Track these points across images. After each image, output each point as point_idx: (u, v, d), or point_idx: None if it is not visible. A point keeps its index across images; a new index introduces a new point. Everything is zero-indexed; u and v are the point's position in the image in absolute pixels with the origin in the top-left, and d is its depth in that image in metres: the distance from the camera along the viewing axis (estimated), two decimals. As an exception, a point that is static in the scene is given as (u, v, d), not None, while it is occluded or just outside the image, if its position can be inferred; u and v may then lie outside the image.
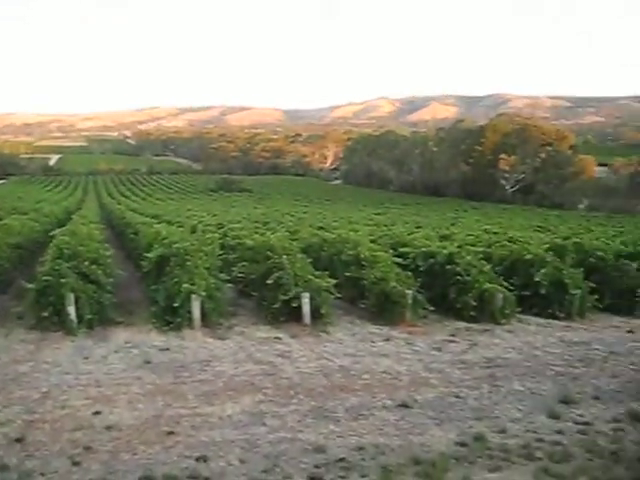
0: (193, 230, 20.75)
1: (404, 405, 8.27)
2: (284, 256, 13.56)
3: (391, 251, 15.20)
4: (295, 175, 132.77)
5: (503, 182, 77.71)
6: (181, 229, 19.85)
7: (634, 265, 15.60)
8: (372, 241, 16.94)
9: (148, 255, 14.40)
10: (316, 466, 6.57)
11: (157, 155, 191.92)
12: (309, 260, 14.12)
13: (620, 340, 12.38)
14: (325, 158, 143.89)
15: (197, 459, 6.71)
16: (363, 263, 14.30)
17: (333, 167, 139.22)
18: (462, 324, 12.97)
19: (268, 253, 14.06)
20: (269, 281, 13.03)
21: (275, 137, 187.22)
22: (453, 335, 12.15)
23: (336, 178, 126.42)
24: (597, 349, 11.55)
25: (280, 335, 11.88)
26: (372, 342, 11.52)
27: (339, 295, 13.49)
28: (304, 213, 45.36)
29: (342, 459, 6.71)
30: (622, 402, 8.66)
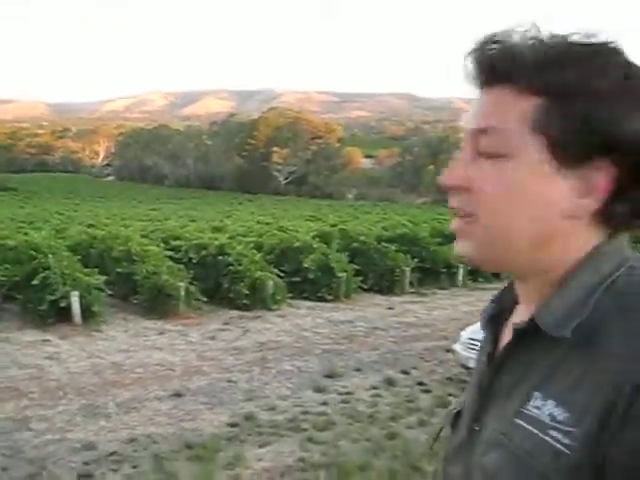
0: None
1: (177, 394, 8.36)
2: (50, 255, 12.98)
3: (163, 245, 15.15)
4: (65, 172, 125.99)
5: (277, 174, 79.77)
6: None
7: (393, 247, 16.94)
8: (144, 236, 16.72)
9: None
10: (86, 463, 6.45)
11: None
12: (78, 258, 13.65)
13: (381, 316, 13.43)
14: (96, 154, 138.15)
15: (-47, 472, 6.31)
16: (134, 258, 14.10)
17: (105, 163, 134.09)
18: (235, 312, 13.28)
19: (32, 253, 13.37)
20: (34, 282, 12.39)
21: (41, 132, 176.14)
22: (227, 324, 12.42)
23: (109, 174, 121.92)
24: (360, 326, 12.45)
25: (49, 337, 11.38)
26: (145, 336, 11.44)
27: (111, 292, 13.20)
28: (75, 211, 43.32)
29: (113, 453, 6.66)
30: (380, 371, 9.46)
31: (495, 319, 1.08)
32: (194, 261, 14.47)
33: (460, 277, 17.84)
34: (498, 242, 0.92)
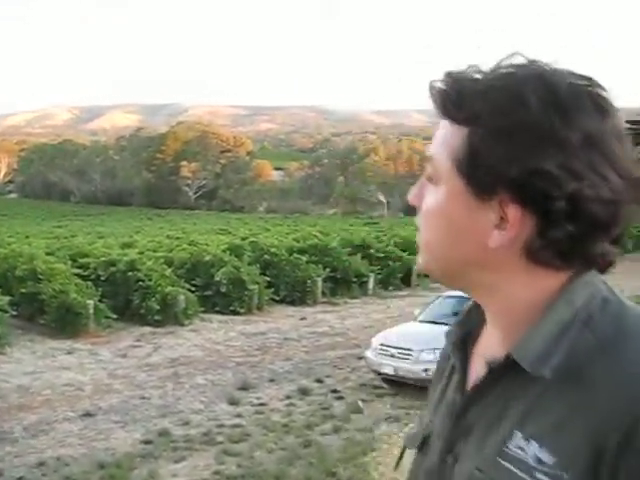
0: None
1: (88, 414, 8.19)
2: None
3: (70, 263, 14.77)
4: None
5: (186, 189, 78.80)
6: None
7: (304, 259, 17.09)
8: (50, 254, 16.23)
9: None
10: (-9, 490, 6.26)
11: None
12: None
13: (294, 327, 13.54)
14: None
15: None
16: (40, 277, 13.69)
17: (7, 180, 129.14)
18: (147, 329, 13.08)
19: None
20: None
21: None
22: (138, 340, 12.23)
23: (11, 191, 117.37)
24: (273, 337, 12.51)
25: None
26: (53, 357, 11.12)
27: (16, 313, 12.77)
28: (-26, 231, 41.55)
29: (20, 478, 6.47)
30: (294, 381, 9.55)
31: (462, 344, 1.05)
32: (103, 278, 14.17)
33: (371, 286, 18.17)
34: (434, 257, 0.96)
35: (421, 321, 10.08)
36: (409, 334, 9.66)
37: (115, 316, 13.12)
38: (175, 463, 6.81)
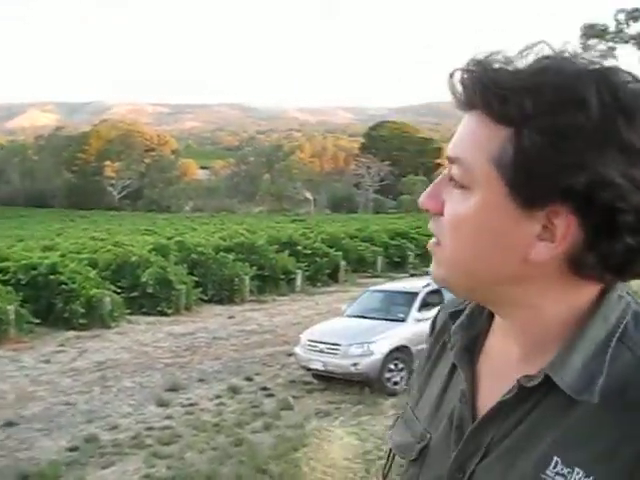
0: None
1: (9, 423, 7.93)
2: None
3: (-12, 267, 14.26)
4: None
5: (110, 189, 77.19)
6: None
7: (231, 257, 17.02)
8: (-34, 259, 15.65)
9: None
10: None
11: None
12: None
13: (222, 326, 13.47)
14: None
15: None
16: (-44, 283, 13.19)
17: None
18: (72, 333, 12.77)
19: None
20: None
21: None
22: (62, 345, 11.93)
23: None
24: (202, 337, 12.42)
25: None
26: (-28, 365, 10.74)
27: None
28: None
29: (-60, 491, 6.24)
30: (224, 380, 9.51)
31: (467, 351, 0.98)
32: (24, 282, 13.74)
33: (299, 283, 18.24)
34: (461, 271, 0.87)
35: (349, 316, 10.19)
36: (337, 329, 9.76)
37: (38, 321, 12.75)
38: (103, 469, 6.69)
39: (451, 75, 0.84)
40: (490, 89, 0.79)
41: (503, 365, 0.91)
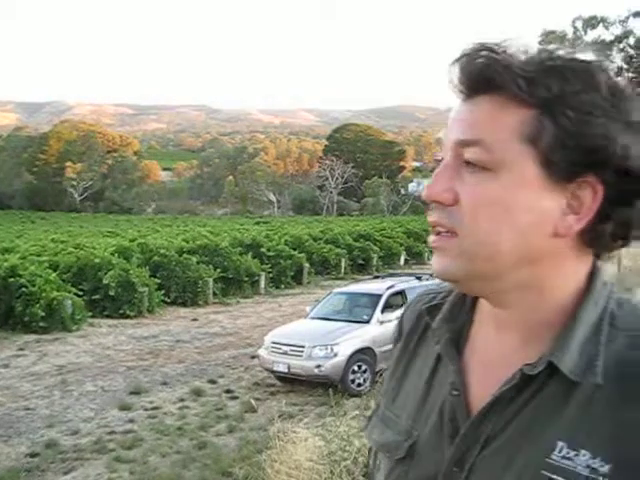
0: None
1: (-33, 429, 7.79)
2: None
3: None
4: None
5: (71, 190, 76.16)
6: None
7: (194, 259, 16.92)
8: None
9: None
10: None
11: None
12: None
13: (186, 329, 13.38)
14: None
15: None
16: None
17: None
18: (32, 337, 12.57)
19: None
20: None
21: None
22: (22, 349, 11.73)
23: None
24: (165, 340, 12.32)
25: None
26: None
27: None
28: None
29: None
30: (187, 383, 9.45)
31: (454, 343, 0.99)
32: (-19, 285, 13.50)
33: (262, 285, 18.22)
34: (481, 260, 0.87)
35: (312, 318, 10.21)
36: (301, 331, 9.77)
37: (-4, 325, 12.53)
38: (64, 475, 6.59)
39: (457, 61, 0.87)
40: (516, 71, 0.84)
41: (496, 356, 0.92)
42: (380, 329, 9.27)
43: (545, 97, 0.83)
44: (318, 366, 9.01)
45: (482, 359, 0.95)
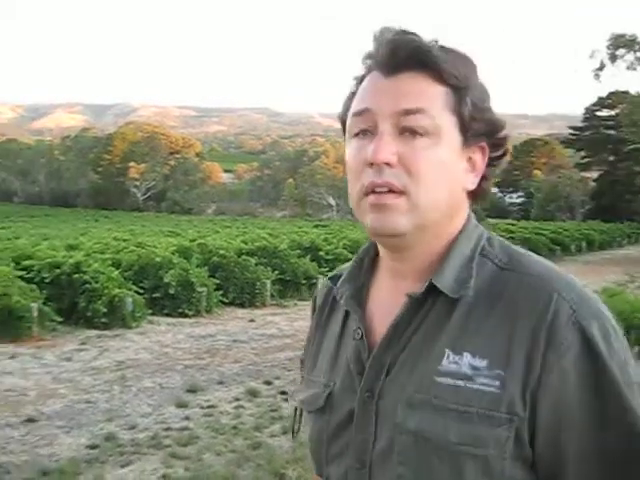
0: None
1: (30, 420, 7.99)
2: None
3: (13, 265, 14.42)
4: None
5: (134, 190, 77.80)
6: None
7: (253, 261, 17.05)
8: (-9, 256, 15.83)
9: None
10: None
11: None
12: None
13: (243, 329, 13.49)
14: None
15: None
16: (-19, 280, 13.33)
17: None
18: (94, 332, 12.87)
19: None
20: None
21: None
22: (84, 344, 12.02)
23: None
24: (222, 340, 12.44)
25: None
26: (-5, 361, 10.85)
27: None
28: None
29: (-39, 485, 6.30)
30: (243, 383, 9.51)
31: (355, 297, 1.14)
32: (47, 281, 13.88)
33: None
34: (428, 213, 1.02)
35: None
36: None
37: (60, 319, 12.87)
38: (122, 467, 6.70)
39: (387, 40, 1.04)
40: (438, 55, 1.02)
41: (393, 301, 1.08)
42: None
43: (457, 78, 1.02)
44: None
45: (381, 306, 1.11)
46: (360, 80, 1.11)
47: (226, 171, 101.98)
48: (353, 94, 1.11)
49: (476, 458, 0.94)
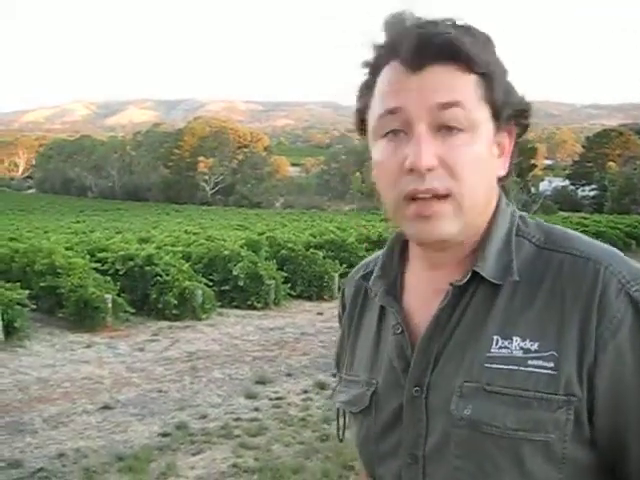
0: None
1: (106, 407, 8.23)
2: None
3: (89, 257, 14.87)
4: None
5: (203, 184, 79.05)
6: None
7: (321, 254, 17.10)
8: (68, 248, 16.32)
9: None
10: (12, 481, 6.31)
11: None
12: (-2, 273, 13.26)
13: (311, 322, 13.55)
14: (16, 166, 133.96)
15: None
16: (59, 271, 13.79)
17: (26, 176, 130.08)
18: (165, 323, 13.15)
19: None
20: (-48, 299, 11.97)
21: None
22: (156, 335, 12.30)
23: (30, 187, 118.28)
24: (290, 332, 12.53)
25: (-31, 355, 11.01)
26: (72, 350, 11.21)
27: (35, 307, 12.86)
28: (-7, 226, 41.85)
29: (41, 469, 6.53)
30: (311, 375, 9.56)
31: (390, 292, 1.11)
32: (121, 272, 14.25)
33: (388, 281, 18.13)
34: (472, 212, 1.00)
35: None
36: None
37: (133, 310, 13.19)
38: (193, 456, 6.83)
39: (411, 33, 0.97)
40: (469, 48, 0.96)
41: (431, 291, 1.05)
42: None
43: (484, 65, 0.96)
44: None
45: (418, 297, 1.08)
46: (374, 70, 1.04)
47: (293, 165, 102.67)
48: (368, 85, 1.06)
49: (536, 443, 0.92)
